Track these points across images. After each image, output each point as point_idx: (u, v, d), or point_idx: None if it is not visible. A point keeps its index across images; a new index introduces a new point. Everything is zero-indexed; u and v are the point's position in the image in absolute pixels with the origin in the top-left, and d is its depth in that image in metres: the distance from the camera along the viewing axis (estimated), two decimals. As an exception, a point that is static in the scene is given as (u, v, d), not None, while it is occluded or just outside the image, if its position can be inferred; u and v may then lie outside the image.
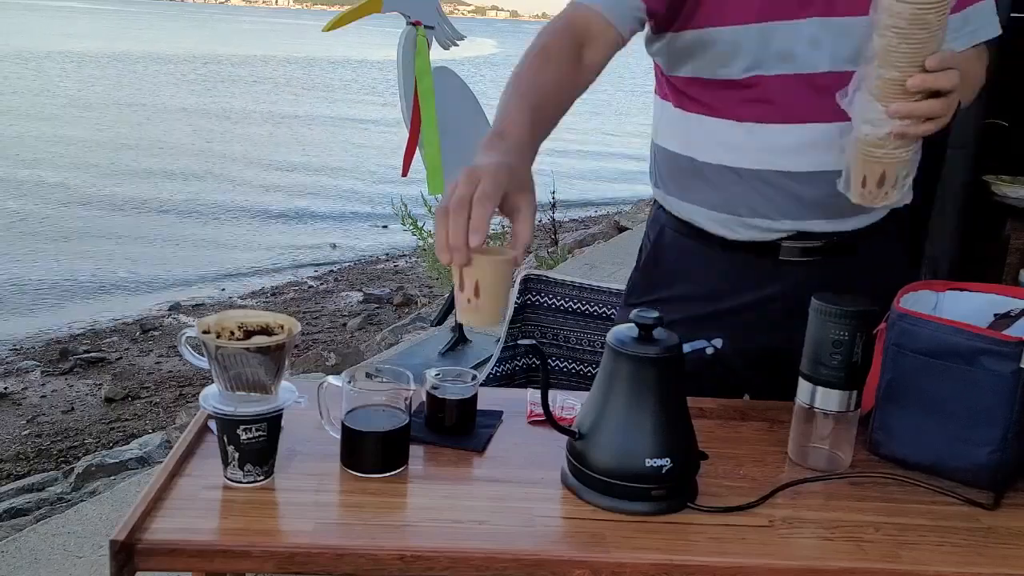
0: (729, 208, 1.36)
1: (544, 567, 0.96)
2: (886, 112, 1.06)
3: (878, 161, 1.10)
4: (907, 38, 1.03)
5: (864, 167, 1.12)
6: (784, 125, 1.28)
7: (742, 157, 1.31)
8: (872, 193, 1.13)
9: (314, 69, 26.09)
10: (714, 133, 1.33)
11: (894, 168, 1.10)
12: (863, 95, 1.09)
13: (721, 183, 1.34)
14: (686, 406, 1.09)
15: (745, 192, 1.33)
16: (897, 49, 1.04)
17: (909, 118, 1.07)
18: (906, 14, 1.01)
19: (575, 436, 1.09)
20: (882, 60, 1.05)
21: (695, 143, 1.36)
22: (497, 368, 1.99)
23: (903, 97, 1.06)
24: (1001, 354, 1.10)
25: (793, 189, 1.31)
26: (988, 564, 0.99)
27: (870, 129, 1.08)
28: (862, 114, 1.09)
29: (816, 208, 1.32)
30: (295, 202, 9.67)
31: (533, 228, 0.99)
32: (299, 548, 0.95)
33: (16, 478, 3.40)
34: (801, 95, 1.26)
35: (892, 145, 1.08)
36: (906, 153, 1.10)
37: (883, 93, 1.07)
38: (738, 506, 1.07)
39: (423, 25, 3.20)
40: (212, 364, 1.06)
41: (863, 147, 1.10)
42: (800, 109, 1.27)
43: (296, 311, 5.83)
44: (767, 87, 1.27)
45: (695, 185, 1.39)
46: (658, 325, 1.07)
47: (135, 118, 14.10)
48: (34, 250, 7.10)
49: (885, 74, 1.06)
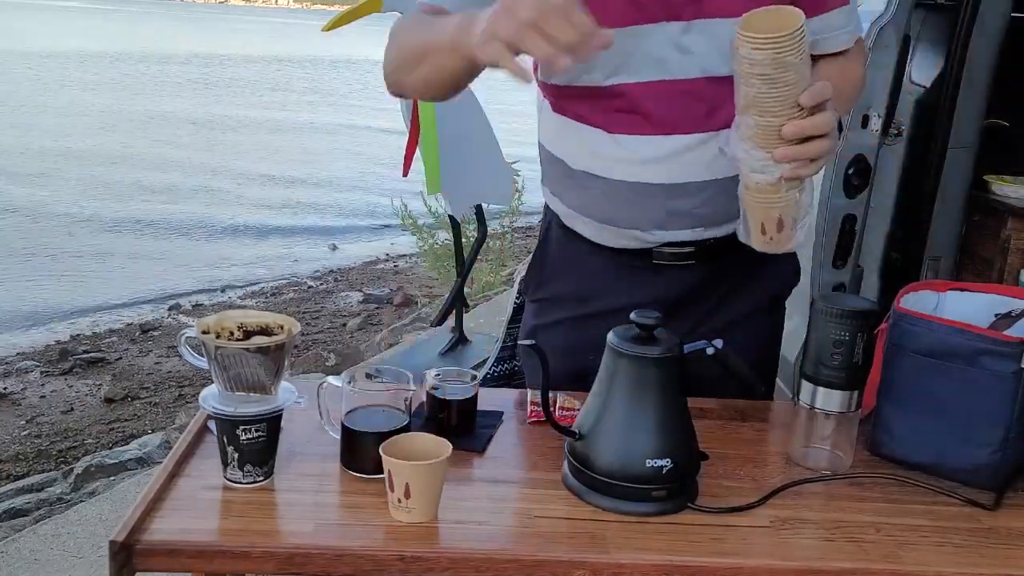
0: (600, 216, 1.35)
1: (544, 567, 0.95)
2: (772, 158, 1.04)
3: (773, 206, 1.08)
4: (774, 82, 1.00)
5: (761, 215, 1.10)
6: (653, 136, 1.26)
7: (611, 168, 1.30)
8: (775, 239, 1.11)
9: (313, 70, 26.10)
10: (585, 141, 1.31)
11: (790, 211, 1.09)
12: (744, 145, 1.06)
13: (592, 191, 1.33)
14: (686, 407, 1.09)
15: (615, 203, 1.31)
16: (768, 95, 1.01)
17: (796, 160, 1.05)
18: (767, 60, 0.99)
19: (575, 437, 1.09)
20: (755, 108, 1.03)
21: (568, 149, 1.35)
22: (496, 368, 1.99)
23: (784, 142, 1.04)
24: (1002, 354, 1.10)
25: (662, 201, 1.29)
26: (988, 564, 0.99)
27: (761, 177, 1.07)
28: (749, 164, 1.07)
29: (687, 218, 1.31)
30: (295, 202, 9.67)
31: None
32: (299, 548, 0.95)
33: (15, 478, 3.40)
34: (670, 104, 1.24)
35: (785, 188, 1.07)
36: (798, 194, 1.08)
37: (763, 140, 1.04)
38: (739, 507, 1.07)
39: (423, 25, 3.19)
40: (212, 364, 1.06)
41: (757, 195, 1.08)
42: (669, 119, 1.25)
43: (296, 311, 5.83)
44: (634, 96, 1.25)
45: (569, 188, 1.37)
46: (659, 326, 1.06)
47: (136, 116, 14.10)
48: (35, 250, 7.10)
49: (761, 121, 1.03)
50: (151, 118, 14.07)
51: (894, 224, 2.71)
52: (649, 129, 1.26)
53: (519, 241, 7.03)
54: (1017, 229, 2.67)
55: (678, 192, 1.28)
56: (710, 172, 1.27)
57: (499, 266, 6.03)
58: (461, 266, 3.87)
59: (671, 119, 1.25)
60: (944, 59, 2.56)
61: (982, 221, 2.78)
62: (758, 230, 1.11)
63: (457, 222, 3.88)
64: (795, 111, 1.02)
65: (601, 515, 1.04)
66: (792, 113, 1.02)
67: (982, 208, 2.76)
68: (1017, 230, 2.67)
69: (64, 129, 12.40)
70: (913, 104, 2.64)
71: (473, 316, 4.63)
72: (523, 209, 5.99)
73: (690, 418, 1.10)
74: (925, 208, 2.64)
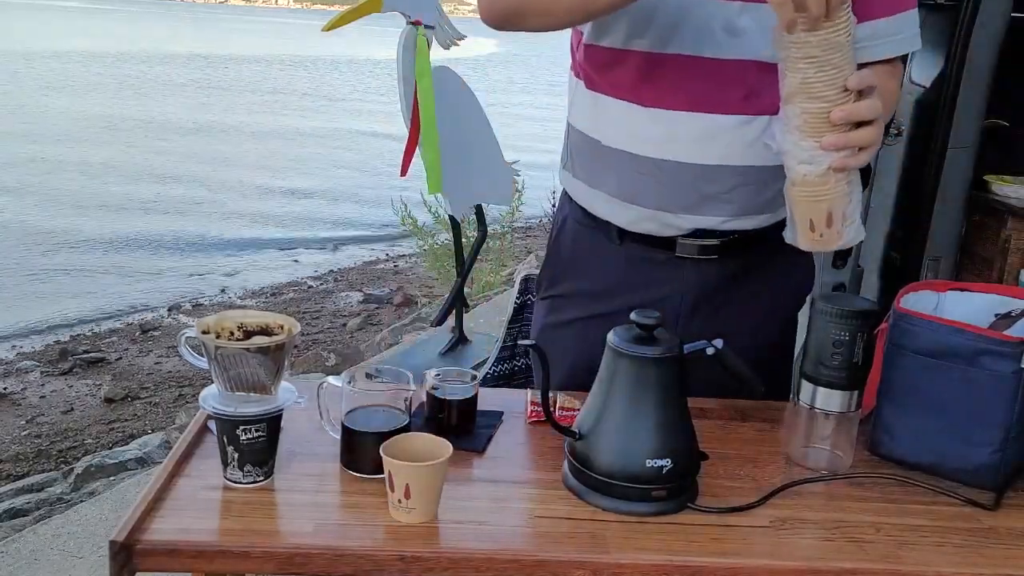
0: (630, 197, 1.33)
1: (544, 567, 0.95)
2: (820, 146, 1.03)
3: (822, 200, 1.07)
4: (823, 66, 1.00)
5: (808, 210, 1.08)
6: (689, 113, 1.26)
7: (645, 145, 1.29)
8: (825, 236, 1.08)
9: (314, 69, 26.09)
10: (619, 117, 1.31)
11: (839, 204, 1.07)
12: (791, 136, 1.05)
13: (624, 170, 1.32)
14: (687, 407, 1.09)
15: (646, 182, 1.31)
16: (816, 79, 1.01)
17: (845, 148, 1.04)
18: (816, 42, 0.99)
19: (575, 436, 1.09)
20: (803, 95, 1.02)
21: (602, 126, 1.34)
22: (496, 368, 1.99)
23: (833, 129, 1.03)
24: (1002, 354, 1.10)
25: (694, 183, 1.29)
26: (988, 564, 0.99)
27: (808, 169, 1.05)
28: (796, 155, 1.06)
29: (716, 203, 1.30)
30: (295, 202, 9.67)
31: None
32: (299, 548, 0.95)
33: (16, 478, 3.40)
34: (709, 82, 1.24)
35: (834, 179, 1.05)
36: (847, 186, 1.07)
37: (812, 128, 1.03)
38: (739, 507, 1.07)
39: (423, 25, 3.20)
40: (212, 364, 1.06)
41: (805, 189, 1.07)
42: (706, 97, 1.25)
43: (296, 311, 5.83)
44: (675, 68, 1.24)
45: (599, 169, 1.36)
46: (659, 326, 1.06)
47: (135, 120, 14.10)
48: (34, 250, 7.10)
49: (811, 107, 1.03)
50: (150, 121, 14.06)
51: (894, 224, 2.71)
52: (685, 105, 1.25)
53: (519, 241, 7.04)
54: (1017, 229, 2.67)
55: (710, 175, 1.28)
56: (744, 158, 1.26)
57: (499, 266, 6.04)
58: (461, 266, 3.87)
59: (709, 97, 1.25)
60: (944, 59, 2.56)
61: (982, 221, 2.78)
62: (806, 227, 1.09)
63: (457, 222, 3.88)
64: (843, 96, 1.02)
65: (601, 515, 1.04)
66: (840, 99, 1.02)
67: (982, 208, 2.76)
68: (1017, 230, 2.67)
69: (69, 134, 12.39)
70: (913, 104, 2.64)
71: (473, 316, 4.63)
72: (523, 209, 5.99)
73: (690, 418, 1.10)
74: (925, 208, 2.64)
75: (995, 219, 2.73)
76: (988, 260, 2.75)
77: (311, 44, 34.46)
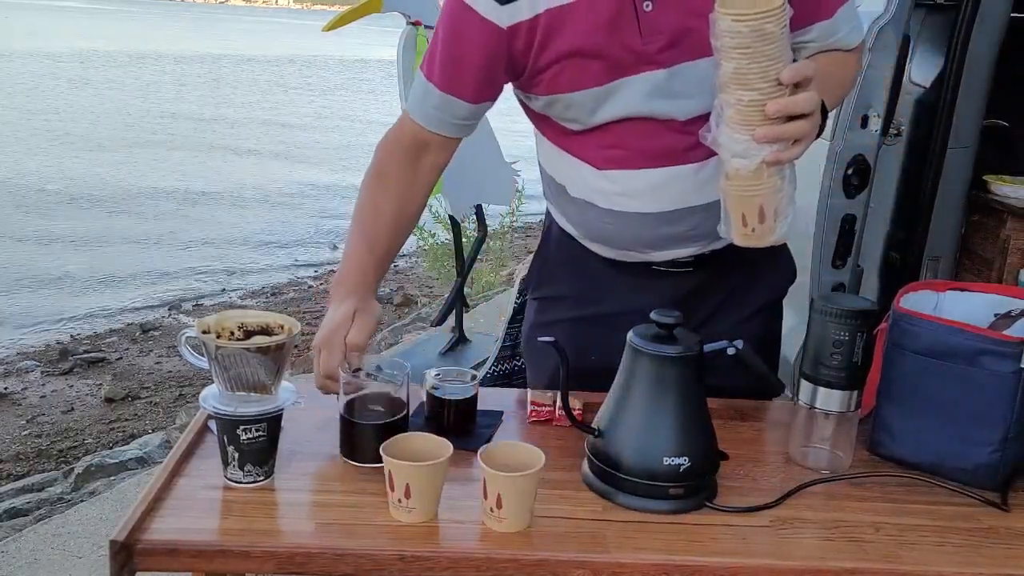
0: (601, 239, 1.37)
1: (544, 567, 0.96)
2: (753, 138, 1.02)
3: (755, 195, 1.06)
4: (755, 55, 0.99)
5: (741, 205, 1.07)
6: (640, 170, 1.27)
7: (606, 199, 1.31)
8: (757, 231, 1.07)
9: (315, 69, 26.11)
10: (581, 174, 1.32)
11: (772, 200, 1.06)
12: (725, 128, 1.04)
13: (589, 217, 1.35)
14: (705, 406, 1.09)
15: (613, 229, 1.33)
16: (748, 69, 1.00)
17: (778, 141, 1.03)
18: (747, 31, 0.98)
19: (595, 434, 1.09)
20: (736, 84, 1.01)
21: (566, 178, 1.36)
22: (496, 367, 1.99)
23: (767, 121, 1.02)
24: (1001, 354, 1.10)
25: (658, 228, 1.30)
26: (988, 564, 0.99)
27: (741, 163, 1.04)
28: (730, 148, 1.04)
29: (682, 240, 1.32)
30: (295, 201, 9.67)
31: (367, 335, 1.18)
32: (299, 548, 0.95)
33: (16, 478, 3.40)
34: (656, 140, 1.24)
35: (767, 173, 1.04)
36: (780, 182, 1.06)
37: (745, 119, 1.02)
38: (756, 507, 1.07)
39: (423, 25, 3.20)
40: (212, 364, 1.06)
41: (737, 183, 1.06)
42: (655, 153, 1.25)
43: (296, 311, 5.82)
44: (619, 133, 1.25)
45: (570, 211, 1.40)
46: (679, 325, 1.07)
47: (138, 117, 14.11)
48: (33, 249, 7.10)
49: (744, 97, 1.01)
50: (162, 116, 14.07)
51: (893, 224, 2.71)
52: (636, 163, 1.26)
53: (519, 241, 7.04)
54: (1017, 229, 2.67)
55: (670, 219, 1.29)
56: (701, 196, 1.27)
57: (499, 266, 6.04)
58: (461, 266, 3.87)
59: (658, 154, 1.25)
60: (944, 59, 2.56)
61: (982, 221, 2.78)
62: (739, 222, 1.08)
63: (457, 222, 3.88)
64: (776, 89, 1.01)
65: (601, 515, 1.04)
66: (774, 91, 1.01)
67: (982, 208, 2.77)
68: (1017, 230, 2.67)
69: (94, 138, 12.39)
70: (913, 104, 2.64)
71: (473, 316, 4.63)
72: (523, 209, 5.99)
73: (709, 417, 1.10)
74: (925, 208, 2.64)
75: (994, 219, 2.73)
76: (988, 260, 2.75)
77: (312, 44, 34.47)
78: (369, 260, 1.28)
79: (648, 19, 1.17)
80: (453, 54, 1.24)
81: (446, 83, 1.25)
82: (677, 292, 1.37)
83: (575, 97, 1.23)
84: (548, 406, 1.29)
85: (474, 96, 1.26)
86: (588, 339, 1.34)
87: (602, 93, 1.21)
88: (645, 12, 1.17)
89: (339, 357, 1.15)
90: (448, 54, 1.24)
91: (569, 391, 1.30)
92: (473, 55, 1.23)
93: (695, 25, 1.16)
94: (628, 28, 1.18)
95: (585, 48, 1.19)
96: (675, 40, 1.18)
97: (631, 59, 1.19)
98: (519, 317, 2.04)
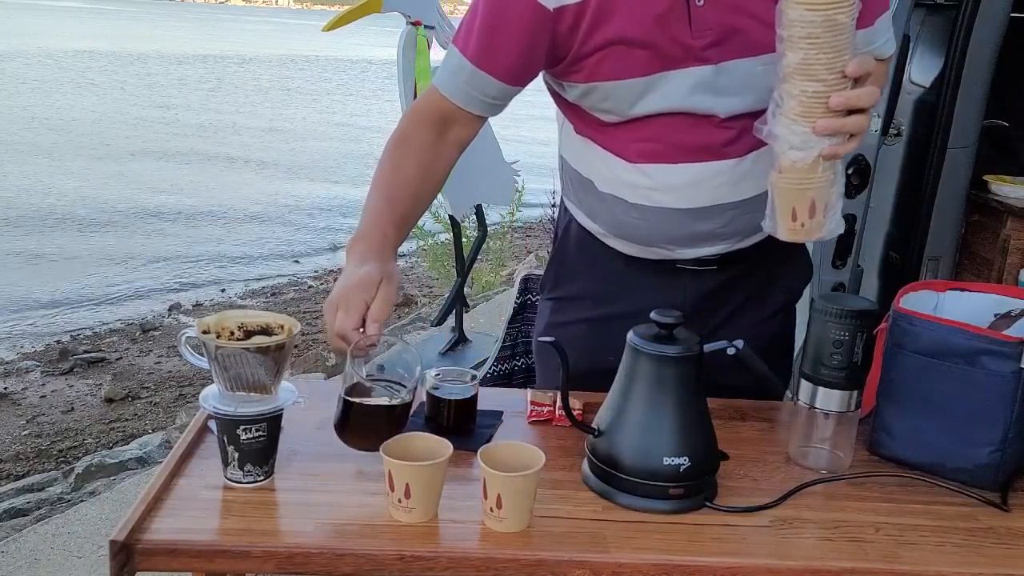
0: (626, 235, 1.35)
1: (544, 567, 0.96)
2: (813, 130, 1.02)
3: (808, 189, 1.06)
4: (823, 46, 0.99)
5: (793, 199, 1.07)
6: (675, 165, 1.25)
7: (637, 194, 1.29)
8: (806, 226, 1.07)
9: (314, 69, 26.11)
10: (611, 168, 1.30)
11: (823, 194, 1.06)
12: (784, 120, 1.04)
13: (617, 212, 1.33)
14: (706, 406, 1.09)
15: (642, 225, 1.32)
16: (815, 60, 1.00)
17: (837, 135, 1.03)
18: (819, 20, 0.98)
19: (595, 434, 1.09)
20: (801, 74, 1.01)
21: (595, 172, 1.34)
22: (496, 367, 1.98)
23: (828, 114, 1.02)
24: (1001, 354, 1.10)
25: (689, 224, 1.29)
26: (988, 564, 0.99)
27: (798, 155, 1.04)
28: (787, 140, 1.04)
29: (711, 238, 1.31)
30: (296, 200, 9.67)
31: (390, 307, 1.13)
32: (299, 548, 0.95)
33: (16, 478, 3.40)
34: (693, 134, 1.23)
35: (821, 167, 1.04)
36: (833, 176, 1.06)
37: (807, 111, 1.02)
38: (756, 506, 1.07)
39: (423, 25, 3.20)
40: (212, 364, 1.06)
41: (792, 176, 1.06)
42: (692, 148, 1.24)
43: (296, 311, 5.82)
44: (657, 127, 1.24)
45: (595, 207, 1.37)
46: (678, 325, 1.07)
47: (140, 113, 14.11)
48: (33, 249, 7.10)
49: (808, 88, 1.01)
50: (164, 122, 14.07)
51: (893, 224, 2.71)
52: (672, 158, 1.25)
53: (519, 241, 7.03)
54: (1017, 229, 2.68)
55: (702, 215, 1.28)
56: (735, 193, 1.27)
57: (499, 266, 6.04)
58: (461, 266, 3.88)
59: (695, 148, 1.24)
60: (944, 59, 2.56)
61: (982, 221, 2.78)
62: (789, 216, 1.08)
63: (457, 222, 3.88)
64: (841, 82, 1.01)
65: (601, 515, 1.04)
66: (838, 84, 1.01)
67: (982, 208, 2.77)
68: (1017, 230, 2.68)
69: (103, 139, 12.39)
70: (913, 104, 2.65)
71: (473, 316, 4.63)
72: (523, 209, 5.99)
73: (710, 417, 1.10)
74: (925, 208, 2.64)
75: (994, 219, 2.73)
76: (987, 260, 2.75)
77: (312, 44, 34.46)
78: (389, 218, 1.22)
79: (699, 13, 1.17)
80: (492, 30, 1.21)
81: (481, 59, 1.23)
82: (698, 292, 1.36)
83: (616, 86, 1.21)
84: (548, 406, 1.29)
85: (508, 76, 1.24)
86: (606, 339, 1.32)
87: (644, 84, 1.20)
88: (697, 7, 1.17)
89: (356, 319, 1.09)
90: (487, 29, 1.21)
91: (575, 391, 1.30)
92: (514, 34, 1.20)
93: (744, 24, 1.17)
94: (679, 21, 1.17)
95: (633, 37, 1.17)
96: (723, 37, 1.18)
97: (679, 52, 1.18)
98: (519, 317, 2.04)
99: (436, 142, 1.29)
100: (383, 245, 1.19)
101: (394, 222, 1.23)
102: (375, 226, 1.21)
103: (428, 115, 1.30)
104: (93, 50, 25.12)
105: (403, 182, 1.26)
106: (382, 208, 1.23)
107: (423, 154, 1.28)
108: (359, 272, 1.13)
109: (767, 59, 1.17)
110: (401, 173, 1.27)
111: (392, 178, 1.26)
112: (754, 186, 1.26)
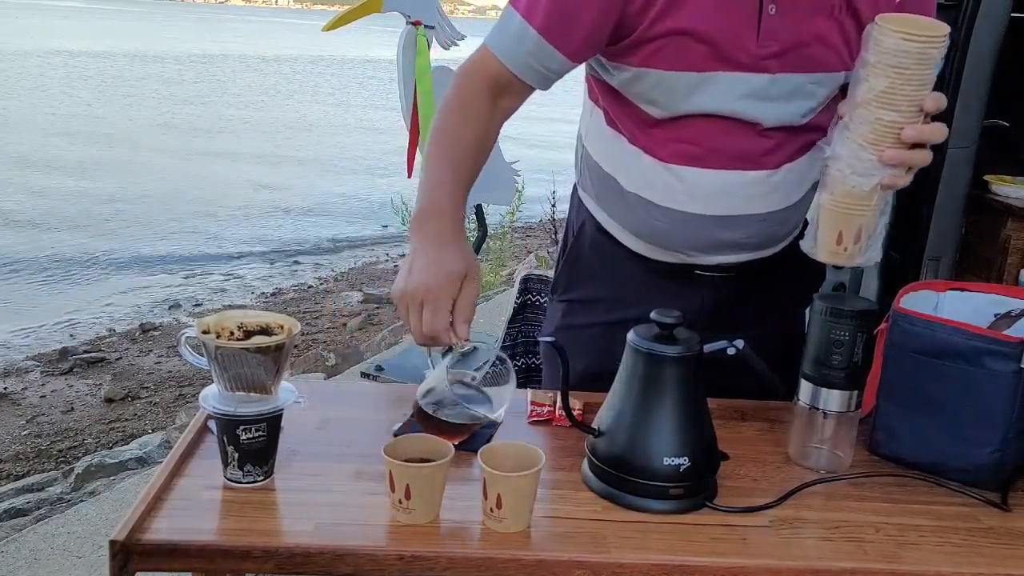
0: (647, 237, 1.34)
1: (544, 567, 0.95)
2: (879, 159, 1.02)
3: (859, 215, 1.06)
4: (910, 78, 0.99)
5: (841, 223, 1.06)
6: (709, 170, 1.24)
7: (665, 196, 1.28)
8: (848, 251, 1.07)
9: (315, 69, 26.11)
10: (640, 166, 1.29)
11: (872, 222, 1.06)
12: (851, 144, 1.04)
13: (641, 213, 1.32)
14: (706, 406, 1.09)
15: (666, 228, 1.31)
16: (899, 91, 1.00)
17: (902, 166, 1.03)
18: (913, 51, 0.98)
19: (595, 434, 1.09)
20: (881, 102, 1.01)
21: (621, 169, 1.32)
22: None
23: (898, 144, 1.02)
24: (1002, 354, 1.10)
25: (714, 232, 1.29)
26: (988, 564, 0.99)
27: (859, 181, 1.04)
28: (851, 164, 1.04)
29: (736, 247, 1.31)
30: (295, 202, 9.67)
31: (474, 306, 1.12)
32: (299, 548, 0.95)
33: (16, 478, 3.40)
34: (732, 141, 1.23)
35: (877, 196, 1.04)
36: (884, 206, 1.07)
37: (879, 138, 1.02)
38: (756, 507, 1.07)
39: (423, 25, 3.20)
40: (212, 364, 1.06)
41: (846, 201, 1.06)
42: (728, 155, 1.24)
43: (296, 311, 5.83)
44: (698, 128, 1.23)
45: (617, 205, 1.36)
46: (678, 325, 1.07)
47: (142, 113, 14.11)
48: (33, 249, 7.10)
49: (885, 117, 1.01)
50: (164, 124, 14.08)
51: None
52: (708, 162, 1.24)
53: (519, 241, 7.04)
54: (1017, 229, 2.67)
55: (728, 224, 1.28)
56: (765, 204, 1.26)
57: (499, 266, 6.04)
58: (461, 266, 3.86)
59: (733, 155, 1.23)
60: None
61: (982, 221, 2.77)
62: (833, 239, 1.07)
63: (457, 222, 3.87)
64: (916, 115, 1.01)
65: (601, 515, 1.04)
66: (914, 116, 1.01)
67: (982, 208, 2.76)
68: (1017, 230, 2.67)
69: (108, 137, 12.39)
70: (913, 104, 2.64)
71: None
72: (523, 209, 5.99)
73: (710, 417, 1.10)
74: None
75: (995, 219, 2.73)
76: (988, 260, 2.75)
77: (312, 44, 34.44)
78: (453, 183, 1.18)
79: (769, 22, 1.16)
80: (566, 3, 1.17)
81: (550, 31, 1.18)
82: (713, 300, 1.36)
83: (668, 76, 1.19)
84: (548, 406, 1.29)
85: (574, 53, 1.20)
86: (622, 342, 1.31)
87: (698, 80, 1.18)
88: (769, 15, 1.16)
89: (446, 319, 1.08)
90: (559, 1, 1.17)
91: (589, 392, 1.30)
92: (590, 9, 1.17)
93: (808, 41, 1.17)
94: (747, 25, 1.16)
95: (699, 30, 1.16)
96: (786, 49, 1.17)
97: (740, 56, 1.17)
98: (519, 317, 2.04)
99: (491, 111, 1.25)
100: (455, 222, 1.16)
101: (460, 192, 1.19)
102: (447, 199, 1.17)
103: (484, 81, 1.24)
104: (90, 51, 25.10)
105: (464, 149, 1.22)
106: (446, 178, 1.18)
107: (480, 121, 1.24)
108: (443, 262, 1.10)
109: (819, 77, 1.19)
110: (462, 140, 1.22)
111: (455, 146, 1.22)
112: (782, 199, 1.26)
